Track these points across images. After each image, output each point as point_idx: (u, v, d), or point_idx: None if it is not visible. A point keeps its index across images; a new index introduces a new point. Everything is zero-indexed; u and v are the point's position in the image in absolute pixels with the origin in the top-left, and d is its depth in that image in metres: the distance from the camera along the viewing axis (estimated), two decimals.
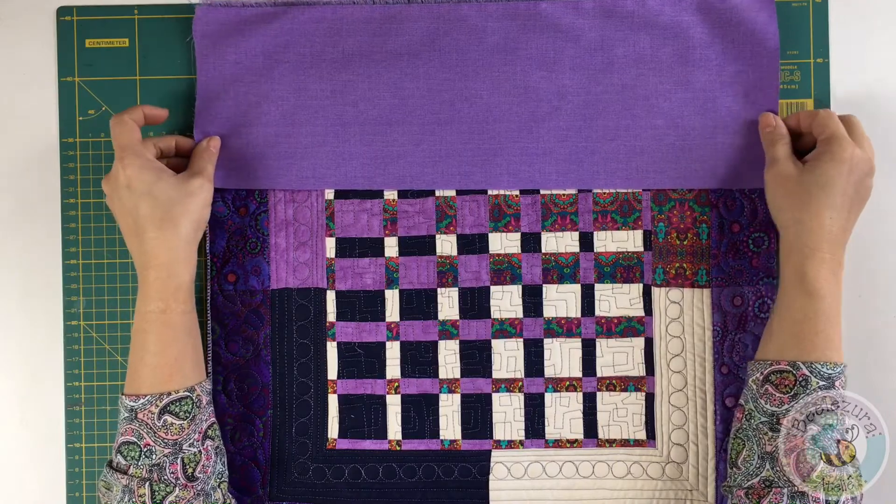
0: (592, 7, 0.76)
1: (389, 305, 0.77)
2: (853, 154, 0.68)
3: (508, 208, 0.77)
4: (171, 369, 0.69)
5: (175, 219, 0.69)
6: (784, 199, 0.70)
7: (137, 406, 0.68)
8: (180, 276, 0.70)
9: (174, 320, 0.70)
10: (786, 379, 0.67)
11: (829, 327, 0.67)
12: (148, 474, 0.67)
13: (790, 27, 0.76)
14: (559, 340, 0.77)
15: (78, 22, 0.78)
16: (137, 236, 0.69)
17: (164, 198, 0.69)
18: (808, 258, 0.67)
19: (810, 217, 0.68)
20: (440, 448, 0.77)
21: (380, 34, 0.76)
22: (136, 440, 0.68)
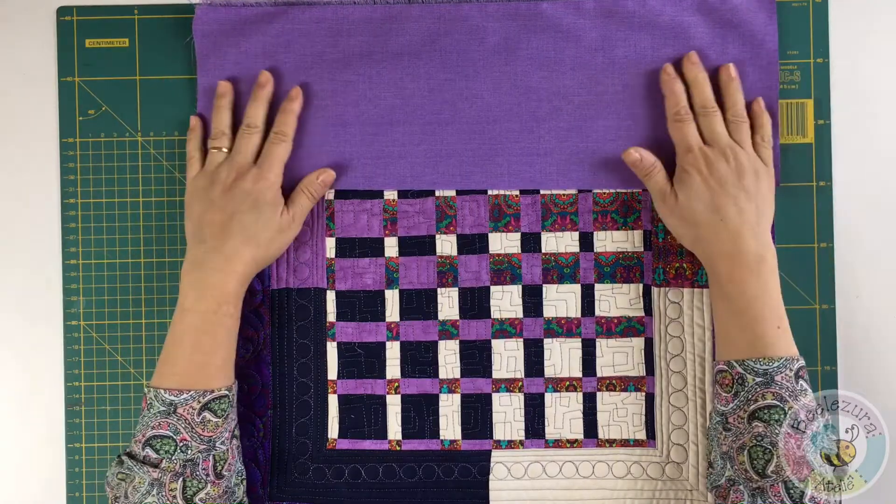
0: (593, 7, 0.76)
1: (389, 305, 0.77)
2: (706, 164, 0.70)
3: (508, 208, 0.77)
4: (217, 369, 0.70)
5: (262, 244, 0.71)
6: (680, 228, 0.72)
7: (179, 401, 0.68)
8: (243, 283, 0.71)
9: (227, 322, 0.70)
10: (725, 378, 0.68)
11: (755, 325, 0.67)
12: (181, 469, 0.67)
13: (790, 27, 0.76)
14: (559, 340, 0.77)
15: (78, 22, 0.78)
16: (219, 240, 0.70)
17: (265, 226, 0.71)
18: (718, 263, 0.69)
19: (703, 229, 0.70)
20: (440, 448, 0.77)
21: (380, 34, 0.76)
22: (172, 434, 0.67)
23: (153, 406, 0.68)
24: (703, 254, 0.71)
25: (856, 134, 0.77)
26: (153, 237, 0.78)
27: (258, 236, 0.71)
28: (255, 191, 0.71)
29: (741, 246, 0.68)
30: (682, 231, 0.72)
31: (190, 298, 0.70)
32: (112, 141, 0.78)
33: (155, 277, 0.78)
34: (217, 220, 0.71)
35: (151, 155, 0.78)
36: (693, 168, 0.70)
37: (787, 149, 0.76)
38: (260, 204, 0.71)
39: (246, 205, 0.71)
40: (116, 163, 0.78)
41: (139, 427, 0.69)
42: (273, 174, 0.72)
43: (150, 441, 0.67)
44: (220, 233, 0.70)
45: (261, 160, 0.73)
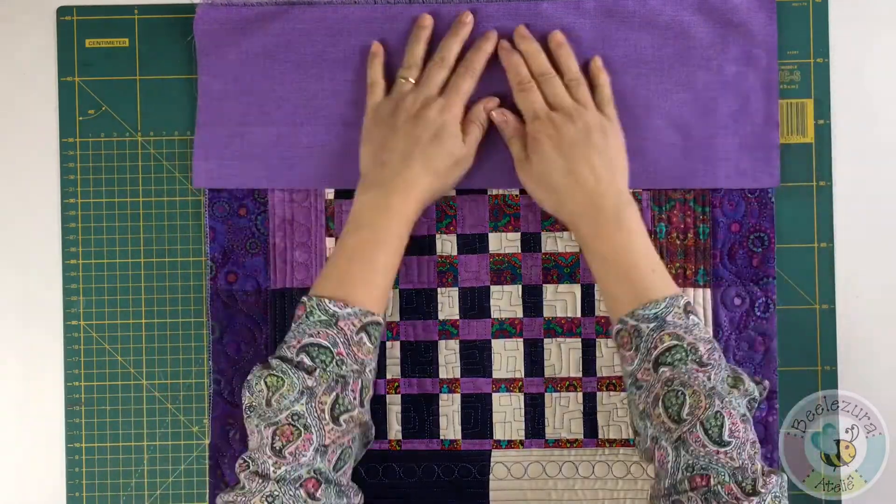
0: (593, 7, 0.76)
1: (389, 305, 0.77)
2: (552, 129, 0.71)
3: (508, 208, 0.77)
4: (381, 292, 0.70)
5: (441, 173, 0.72)
6: (539, 193, 0.73)
7: (343, 314, 0.67)
8: (419, 209, 0.72)
9: (399, 245, 0.71)
10: (623, 337, 0.68)
11: (631, 274, 0.68)
12: (334, 384, 0.66)
13: (790, 27, 0.76)
14: (559, 340, 0.77)
15: (78, 22, 0.78)
16: (401, 164, 0.71)
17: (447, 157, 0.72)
18: (580, 223, 0.70)
19: (561, 193, 0.71)
20: (440, 448, 0.77)
21: (381, 34, 0.76)
22: (331, 346, 0.66)
23: (313, 314, 0.67)
24: (565, 216, 0.72)
25: (856, 134, 0.77)
26: (153, 237, 0.78)
27: (438, 166, 0.71)
28: (440, 121, 0.71)
29: (599, 202, 0.69)
30: (542, 196, 0.73)
31: (368, 216, 0.70)
32: (112, 141, 0.78)
33: (155, 277, 0.78)
34: (399, 146, 0.71)
35: (151, 155, 0.78)
36: (542, 134, 0.71)
37: (787, 149, 0.76)
38: (443, 134, 0.71)
39: (429, 133, 0.71)
40: (116, 163, 0.78)
41: (293, 334, 0.67)
42: (458, 107, 0.73)
43: (306, 347, 0.66)
44: (402, 158, 0.71)
45: (447, 92, 0.73)
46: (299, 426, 0.64)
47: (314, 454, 0.64)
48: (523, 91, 0.73)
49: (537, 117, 0.72)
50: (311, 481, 0.64)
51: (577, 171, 0.70)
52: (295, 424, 0.64)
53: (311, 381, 0.65)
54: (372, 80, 0.75)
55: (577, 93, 0.73)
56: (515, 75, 0.74)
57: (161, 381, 0.77)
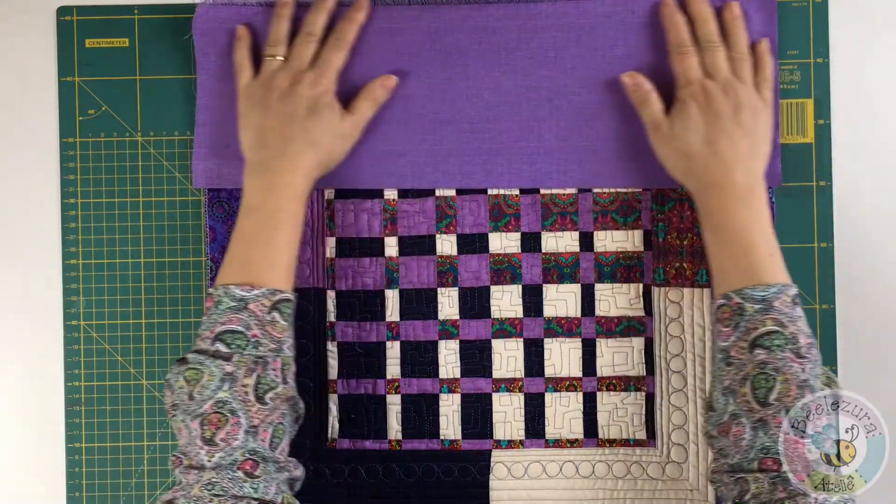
0: (593, 7, 0.76)
1: (389, 305, 0.77)
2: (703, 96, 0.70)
3: (508, 208, 0.77)
4: (285, 270, 0.70)
5: (323, 147, 0.72)
6: (671, 159, 0.72)
7: (250, 297, 0.67)
8: (309, 184, 0.72)
9: (295, 222, 0.71)
10: (724, 312, 0.68)
11: (748, 254, 0.67)
12: (253, 365, 0.66)
13: (790, 27, 0.76)
14: (559, 340, 0.77)
15: (78, 22, 0.78)
16: (281, 143, 0.71)
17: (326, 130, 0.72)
18: (708, 194, 0.70)
19: (695, 161, 0.70)
20: (440, 448, 0.77)
21: (381, 34, 0.76)
22: (244, 329, 0.66)
23: (222, 303, 0.67)
24: (693, 185, 0.71)
25: (856, 134, 0.77)
26: (153, 237, 0.78)
27: (320, 140, 0.71)
28: (312, 95, 0.72)
29: (732, 178, 0.69)
30: (673, 162, 0.72)
31: (258, 198, 0.70)
32: (112, 141, 0.78)
33: (155, 277, 0.78)
34: (276, 125, 0.71)
35: (151, 155, 0.78)
36: (691, 99, 0.71)
37: (787, 149, 0.76)
38: (318, 107, 0.71)
39: (303, 108, 0.71)
40: (116, 163, 0.78)
41: (205, 325, 0.67)
42: (328, 79, 0.73)
43: (221, 336, 0.66)
44: (282, 137, 0.71)
45: (317, 65, 0.73)
46: (225, 412, 0.64)
47: (245, 436, 0.64)
48: (681, 55, 0.72)
49: (690, 83, 0.71)
50: (248, 462, 0.64)
51: (718, 142, 0.69)
52: (221, 411, 0.64)
53: (230, 367, 0.65)
54: (238, 63, 0.75)
55: (739, 68, 0.72)
56: (676, 36, 0.73)
57: (161, 381, 0.77)
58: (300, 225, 0.71)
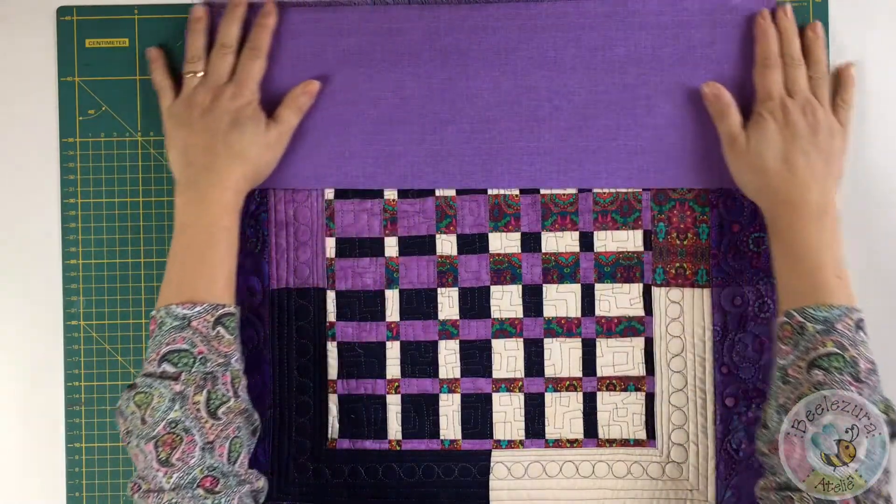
0: (593, 6, 0.76)
1: (389, 305, 0.77)
2: (782, 113, 0.70)
3: (508, 208, 0.77)
4: (224, 283, 0.70)
5: (250, 160, 0.72)
6: (745, 174, 0.72)
7: (193, 314, 0.67)
8: (239, 197, 0.72)
9: (228, 236, 0.71)
10: (786, 330, 0.67)
11: (815, 273, 0.67)
12: (202, 382, 0.66)
13: None
14: (559, 340, 0.77)
15: (78, 22, 0.78)
16: (207, 159, 0.71)
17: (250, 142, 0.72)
18: (780, 211, 0.70)
19: (769, 177, 0.70)
20: (440, 448, 0.77)
21: (380, 34, 0.76)
22: (189, 347, 0.66)
23: (164, 324, 0.67)
24: (765, 202, 0.71)
25: (856, 134, 0.77)
26: (153, 237, 0.78)
27: (245, 152, 0.71)
28: (234, 108, 0.71)
29: (806, 197, 0.69)
30: (747, 178, 0.72)
31: (189, 215, 0.70)
32: (112, 141, 0.78)
33: (155, 277, 0.78)
34: (201, 142, 0.71)
35: (151, 155, 0.78)
36: (770, 115, 0.71)
37: None
38: (241, 120, 0.71)
39: (226, 123, 0.71)
40: (116, 163, 0.78)
41: (151, 348, 0.67)
42: (249, 90, 0.73)
43: (166, 356, 0.66)
44: (207, 153, 0.71)
45: (236, 77, 0.73)
46: (179, 431, 0.64)
47: (202, 453, 0.64)
48: (766, 68, 0.73)
49: (770, 98, 0.72)
50: (208, 479, 0.64)
51: (794, 160, 0.69)
52: (174, 431, 0.64)
53: (178, 387, 0.65)
54: (157, 84, 0.75)
55: (818, 87, 0.73)
56: (765, 49, 0.73)
57: None
58: (234, 238, 0.71)
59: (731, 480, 0.75)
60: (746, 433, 0.75)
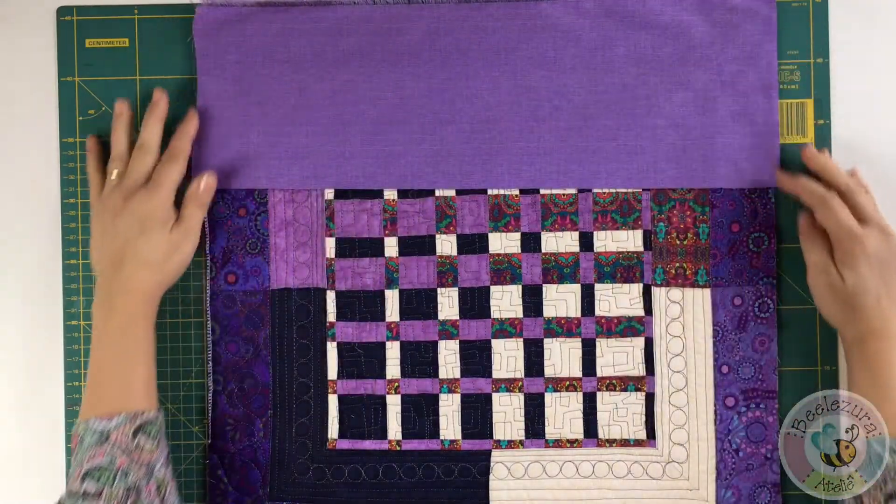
0: (593, 6, 0.76)
1: (389, 305, 0.77)
2: (868, 247, 0.68)
3: (508, 208, 0.77)
4: (142, 387, 0.69)
5: (156, 267, 0.71)
6: (834, 307, 0.71)
7: (112, 426, 0.67)
8: (149, 303, 0.71)
9: (140, 342, 0.70)
10: None
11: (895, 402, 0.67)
12: (124, 497, 0.65)
13: (790, 27, 0.76)
14: (559, 340, 0.77)
15: (78, 22, 0.78)
16: (116, 267, 0.70)
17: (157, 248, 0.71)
18: (866, 340, 0.69)
19: (859, 312, 0.69)
20: (440, 448, 0.77)
21: (380, 34, 0.76)
22: (108, 464, 0.66)
23: (84, 439, 0.67)
24: (851, 332, 0.70)
25: (856, 134, 0.77)
26: None
27: (152, 259, 0.71)
28: (143, 212, 0.70)
29: (890, 326, 0.68)
30: (833, 309, 0.71)
31: (101, 324, 0.70)
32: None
33: None
34: (112, 246, 0.71)
35: None
36: (861, 255, 0.68)
37: (787, 149, 0.76)
38: (148, 226, 0.70)
39: (135, 229, 0.70)
40: None
41: (73, 465, 0.67)
42: (163, 194, 0.71)
43: (87, 474, 0.66)
44: (117, 260, 0.70)
45: (151, 180, 0.72)
46: None
47: None
48: (827, 207, 0.70)
49: (851, 235, 0.69)
50: None
51: (879, 291, 0.68)
52: None
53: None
54: (88, 177, 0.75)
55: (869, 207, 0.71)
56: (814, 193, 0.71)
57: (161, 381, 0.77)
58: (150, 343, 0.71)
59: (731, 480, 0.75)
60: (746, 433, 0.75)
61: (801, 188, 0.72)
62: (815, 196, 0.71)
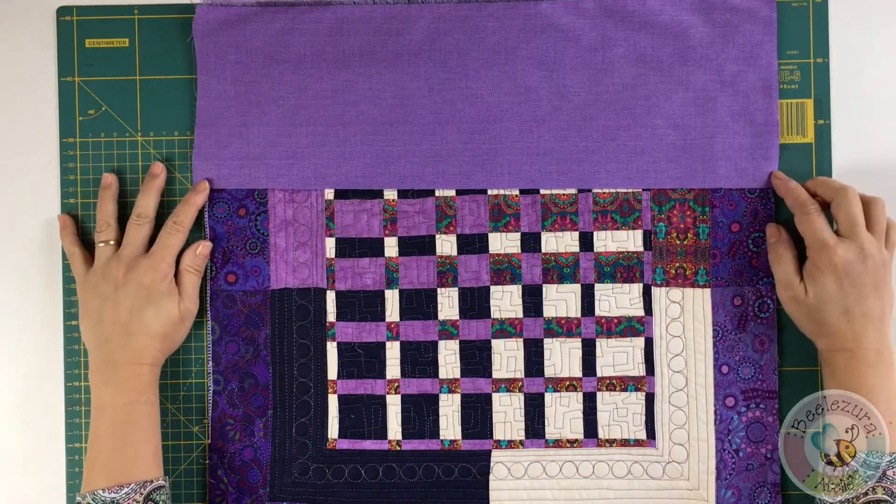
0: (593, 7, 0.76)
1: (389, 305, 0.77)
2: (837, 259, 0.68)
3: (508, 208, 0.77)
4: (151, 458, 0.70)
5: (166, 337, 0.72)
6: (802, 320, 0.71)
7: (120, 497, 0.67)
8: (156, 373, 0.72)
9: (149, 411, 0.71)
10: None
11: None
12: None
13: (790, 27, 0.76)
14: (559, 340, 0.77)
15: (78, 22, 0.78)
16: (124, 337, 0.70)
17: (167, 320, 0.71)
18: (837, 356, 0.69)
19: (828, 327, 0.69)
20: (440, 448, 0.77)
21: (380, 34, 0.76)
22: None
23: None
24: (823, 346, 0.71)
25: (856, 134, 0.77)
26: (153, 237, 0.78)
27: (161, 330, 0.71)
28: (149, 283, 0.71)
29: (863, 342, 0.68)
30: (804, 323, 0.71)
31: (107, 395, 0.70)
32: (112, 141, 0.78)
33: None
34: (116, 317, 0.71)
35: (151, 155, 0.78)
36: (827, 267, 0.68)
37: (787, 149, 0.76)
38: (155, 297, 0.71)
39: (141, 300, 0.71)
40: (116, 163, 0.78)
41: None
42: (166, 264, 0.72)
43: None
44: (122, 330, 0.70)
45: (153, 249, 0.72)
46: None
47: None
48: (807, 214, 0.70)
49: (824, 246, 0.68)
50: None
51: (852, 309, 0.68)
52: None
53: None
54: (68, 251, 0.75)
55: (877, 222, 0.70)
56: (796, 199, 0.71)
57: (161, 381, 0.77)
58: (156, 410, 0.72)
59: (731, 480, 0.75)
60: (746, 433, 0.75)
61: (787, 191, 0.72)
62: (797, 202, 0.71)
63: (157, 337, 0.71)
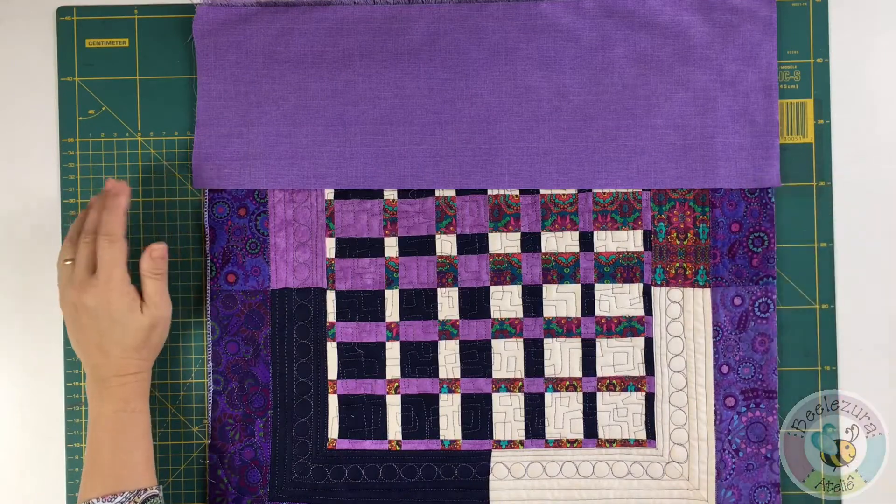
0: (592, 7, 0.76)
1: (389, 305, 0.77)
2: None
3: (508, 208, 0.77)
4: (143, 466, 0.70)
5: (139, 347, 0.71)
6: None
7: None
8: (142, 381, 0.71)
9: (138, 419, 0.71)
10: None
11: None
12: None
13: (790, 27, 0.76)
14: (559, 340, 0.77)
15: (78, 22, 0.78)
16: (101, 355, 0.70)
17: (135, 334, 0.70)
18: None
19: None
20: (440, 448, 0.77)
21: (380, 34, 0.76)
22: None
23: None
24: None
25: (856, 134, 0.77)
26: (153, 237, 0.78)
27: (134, 344, 0.70)
28: (102, 304, 0.69)
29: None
30: None
31: (96, 406, 0.70)
32: (112, 141, 0.78)
33: None
34: (87, 338, 0.70)
35: (151, 155, 0.78)
36: None
37: (787, 149, 0.76)
38: (116, 316, 0.69)
39: (104, 321, 0.69)
40: (116, 163, 0.78)
41: None
42: (114, 280, 0.69)
43: None
44: (98, 351, 0.70)
45: (97, 271, 0.69)
46: None
47: None
48: None
49: None
50: None
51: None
52: None
53: None
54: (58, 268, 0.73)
55: None
56: None
57: (161, 381, 0.77)
58: (145, 419, 0.71)
59: (731, 480, 0.75)
60: (746, 433, 0.75)
61: None
62: None
63: (132, 349, 0.70)
